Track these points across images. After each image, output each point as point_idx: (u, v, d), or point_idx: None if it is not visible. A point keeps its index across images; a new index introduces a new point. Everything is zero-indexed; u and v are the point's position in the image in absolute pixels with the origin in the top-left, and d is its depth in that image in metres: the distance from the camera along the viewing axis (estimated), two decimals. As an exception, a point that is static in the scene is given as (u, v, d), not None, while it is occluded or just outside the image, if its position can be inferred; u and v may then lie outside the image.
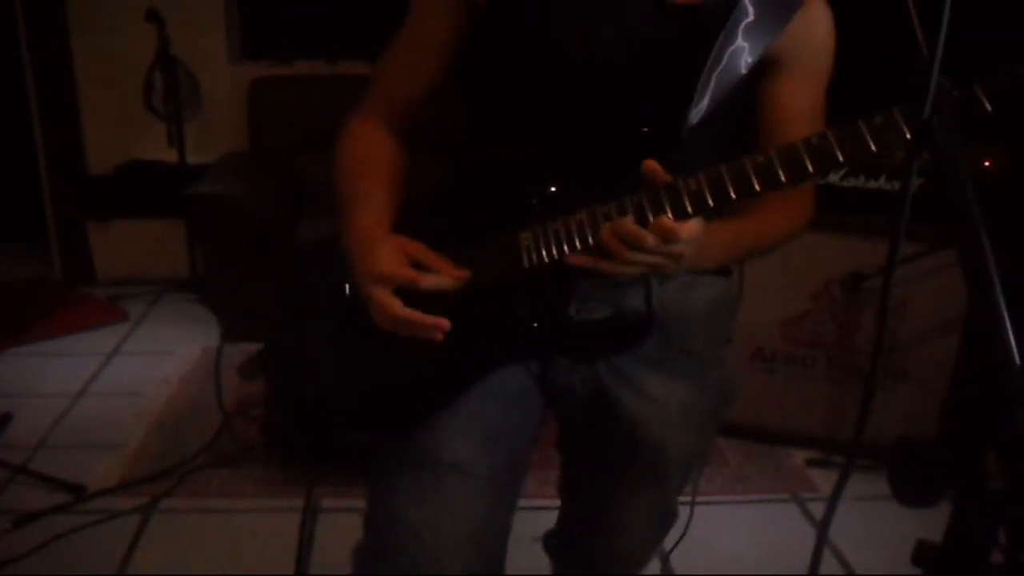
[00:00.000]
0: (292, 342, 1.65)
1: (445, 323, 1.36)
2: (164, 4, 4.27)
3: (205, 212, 3.98)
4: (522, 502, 1.59)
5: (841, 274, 3.06)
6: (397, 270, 1.35)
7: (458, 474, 1.44)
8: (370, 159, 1.51)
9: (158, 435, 3.33)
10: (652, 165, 1.24)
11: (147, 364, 3.94)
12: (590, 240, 1.31)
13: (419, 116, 1.54)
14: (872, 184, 2.92)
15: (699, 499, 1.80)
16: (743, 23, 1.35)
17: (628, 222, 1.25)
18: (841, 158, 1.19)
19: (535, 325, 1.43)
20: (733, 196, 1.24)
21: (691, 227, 1.25)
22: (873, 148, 1.17)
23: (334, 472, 2.95)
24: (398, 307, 1.35)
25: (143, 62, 4.39)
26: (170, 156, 4.49)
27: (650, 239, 1.23)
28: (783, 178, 1.22)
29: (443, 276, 1.37)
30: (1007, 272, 0.91)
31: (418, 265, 1.37)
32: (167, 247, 4.71)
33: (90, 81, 4.61)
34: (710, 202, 1.25)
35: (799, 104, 1.45)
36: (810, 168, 1.20)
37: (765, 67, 1.40)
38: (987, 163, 2.66)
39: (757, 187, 1.23)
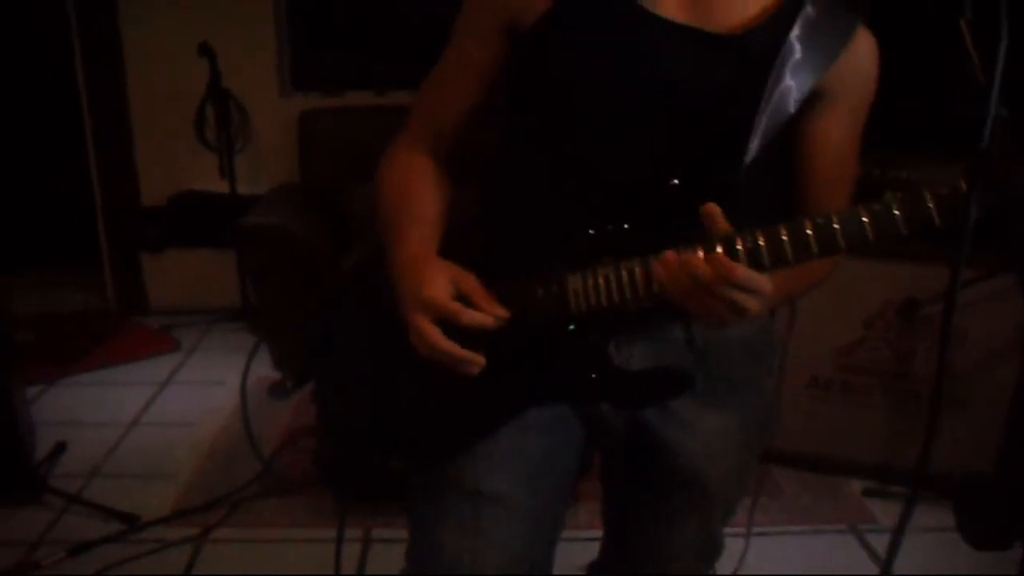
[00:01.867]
0: (332, 367, 1.64)
1: (480, 360, 1.35)
2: (216, 38, 4.35)
3: (255, 243, 3.99)
4: (572, 533, 1.57)
5: (895, 301, 3.01)
6: (441, 299, 1.34)
7: (498, 506, 1.43)
8: (414, 183, 1.50)
9: (210, 465, 3.34)
10: (713, 209, 1.22)
11: (199, 394, 3.97)
12: (640, 290, 1.30)
13: (461, 140, 1.53)
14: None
15: (754, 530, 1.78)
16: (790, 62, 1.32)
17: (703, 264, 1.20)
18: (904, 230, 1.16)
19: (579, 373, 1.42)
20: (791, 259, 1.22)
21: (762, 280, 1.21)
22: (937, 223, 1.13)
23: (386, 503, 2.94)
24: (436, 336, 1.34)
25: (195, 95, 4.47)
26: (221, 187, 4.56)
27: (724, 287, 1.19)
28: (842, 244, 1.19)
29: (485, 315, 1.36)
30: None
31: (464, 298, 1.36)
32: (218, 277, 4.75)
33: (143, 113, 4.68)
34: (767, 262, 1.22)
35: (842, 137, 1.43)
36: (871, 236, 1.18)
37: (810, 101, 1.37)
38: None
39: (816, 251, 1.20)
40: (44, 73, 4.95)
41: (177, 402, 3.92)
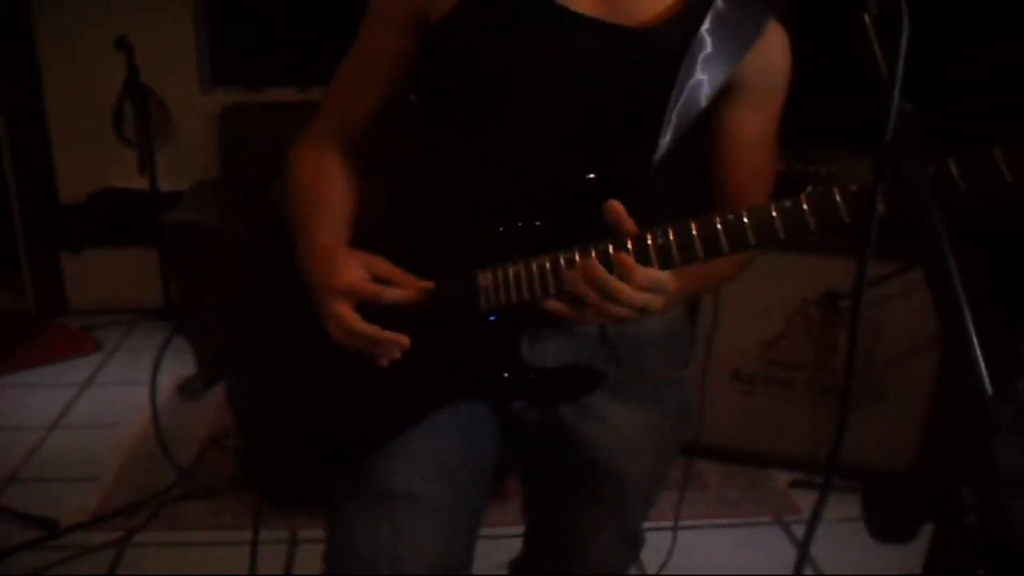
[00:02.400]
0: (245, 365, 1.61)
1: (404, 340, 1.34)
2: (133, 32, 4.28)
3: (178, 240, 3.94)
4: (498, 530, 1.56)
5: (817, 294, 3.06)
6: (359, 283, 1.33)
7: (414, 505, 1.42)
8: (323, 177, 1.49)
9: (132, 467, 3.30)
10: (616, 207, 1.22)
11: (121, 395, 3.91)
12: (551, 287, 1.29)
13: (369, 133, 1.52)
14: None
15: (681, 523, 1.79)
16: (701, 55, 1.33)
17: (603, 272, 1.21)
18: (813, 227, 1.17)
19: (491, 370, 1.42)
20: (700, 255, 1.22)
21: (665, 278, 1.23)
22: (847, 220, 1.13)
23: (312, 502, 2.92)
24: (357, 321, 1.33)
25: (113, 90, 4.39)
26: (142, 184, 4.48)
27: (627, 292, 1.21)
28: (752, 240, 1.20)
29: (406, 290, 1.35)
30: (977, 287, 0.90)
31: (378, 280, 1.35)
32: (140, 276, 4.67)
33: (60, 110, 4.59)
34: (677, 259, 1.23)
35: (756, 130, 1.44)
36: (780, 233, 1.18)
37: (722, 94, 1.38)
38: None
39: (726, 248, 1.21)
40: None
41: (99, 404, 3.86)
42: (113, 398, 3.89)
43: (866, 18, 0.98)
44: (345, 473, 1.47)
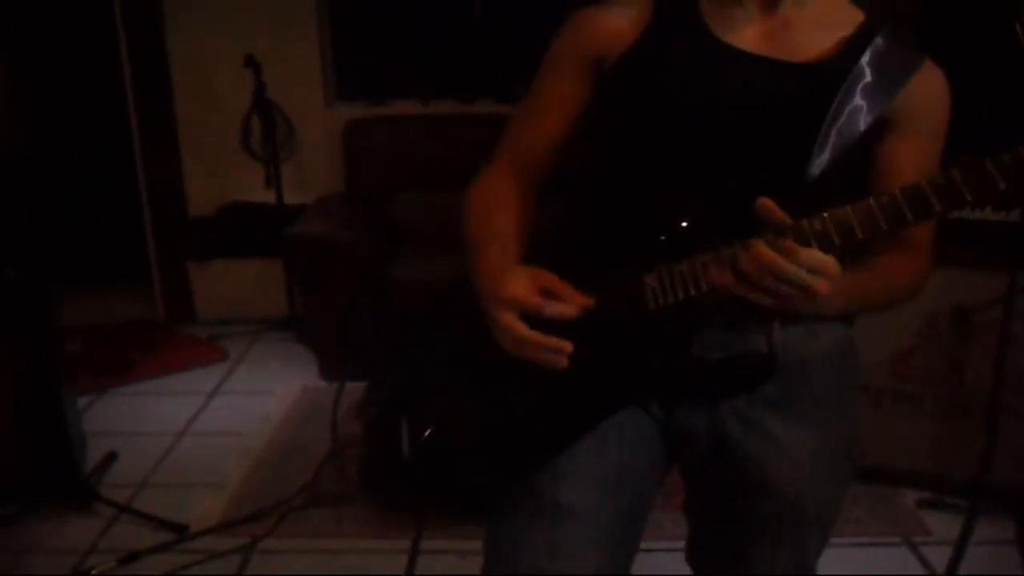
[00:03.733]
0: (402, 380, 1.68)
1: (568, 346, 1.36)
2: (261, 49, 4.40)
3: (302, 252, 4.04)
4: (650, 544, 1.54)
5: (947, 308, 2.97)
6: (523, 295, 1.38)
7: (574, 518, 1.43)
8: (499, 206, 1.56)
9: (258, 475, 3.36)
10: (766, 202, 1.25)
11: (247, 403, 3.99)
12: (716, 279, 1.32)
13: (546, 169, 1.60)
14: (977, 215, 2.82)
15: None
16: (861, 83, 1.38)
17: (771, 252, 1.23)
18: (969, 197, 1.18)
19: (656, 363, 1.43)
20: (859, 236, 1.25)
21: (828, 260, 1.24)
22: (1002, 186, 1.16)
23: (434, 513, 2.94)
24: (522, 328, 1.37)
25: (241, 106, 4.52)
26: (268, 197, 4.60)
27: (791, 270, 1.22)
28: (909, 217, 1.22)
29: (569, 305, 1.39)
30: None
31: (546, 294, 1.39)
32: (266, 287, 4.77)
33: (190, 125, 4.72)
34: (836, 240, 1.25)
35: (916, 164, 1.43)
36: (936, 207, 1.20)
37: (883, 128, 1.41)
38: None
39: (884, 225, 1.24)
40: (92, 85, 5.00)
41: (225, 412, 3.94)
42: (239, 406, 3.97)
43: (1018, 26, 0.97)
44: (509, 488, 1.49)
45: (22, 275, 2.95)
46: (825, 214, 1.26)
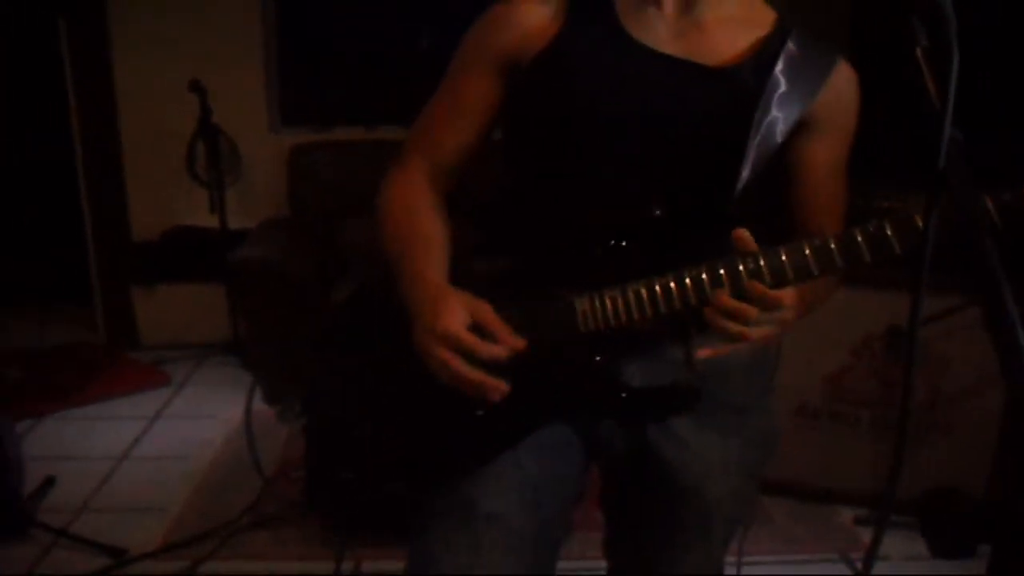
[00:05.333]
0: (333, 391, 1.65)
1: (505, 387, 1.36)
2: (206, 74, 4.38)
3: (246, 276, 4.02)
4: (570, 564, 1.56)
5: (881, 329, 3.03)
6: (460, 333, 1.35)
7: (496, 525, 1.44)
8: (419, 214, 1.52)
9: (201, 498, 3.33)
10: (743, 234, 1.29)
11: (190, 428, 3.96)
12: (647, 309, 1.36)
13: (457, 173, 1.57)
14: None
15: (746, 559, 1.77)
16: (776, 94, 1.40)
17: (727, 297, 1.29)
18: (897, 250, 1.24)
19: (585, 389, 1.45)
20: (791, 277, 1.29)
21: (792, 294, 1.29)
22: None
23: (375, 535, 2.93)
24: (461, 367, 1.35)
25: (186, 131, 4.49)
26: (212, 222, 4.57)
27: (752, 313, 1.27)
28: (867, 257, 1.26)
29: (501, 348, 1.37)
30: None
31: (478, 327, 1.38)
32: (210, 311, 4.74)
33: (135, 150, 4.70)
34: (791, 276, 1.29)
35: (828, 163, 1.50)
36: (897, 250, 1.24)
37: (797, 130, 1.44)
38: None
39: (840, 263, 1.28)
40: (37, 109, 4.97)
41: (167, 436, 3.90)
42: (181, 431, 3.94)
43: (918, 51, 1.01)
44: (431, 496, 1.50)
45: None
46: (782, 249, 1.30)
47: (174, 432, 3.94)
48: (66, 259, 5.03)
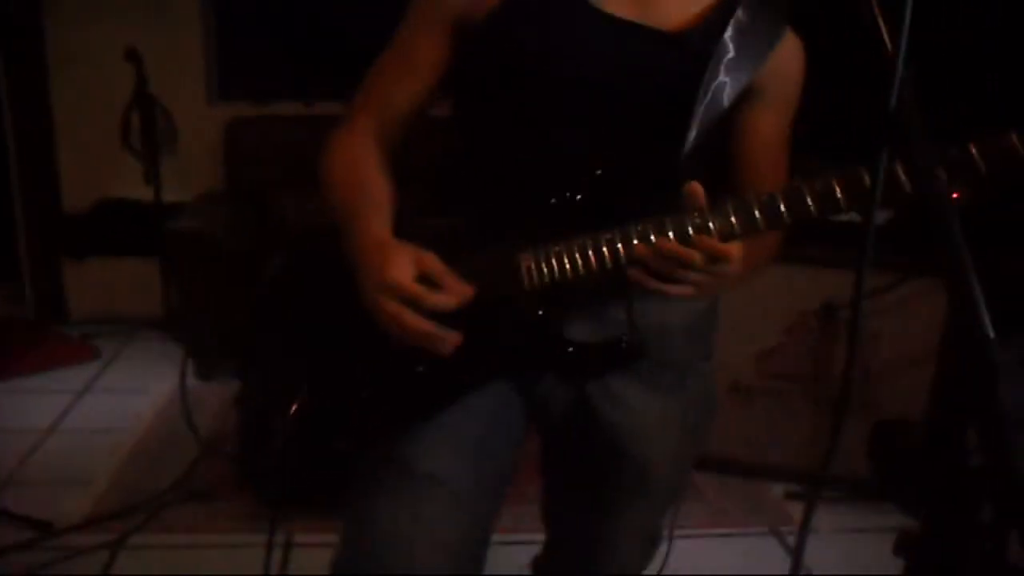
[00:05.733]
0: (272, 355, 1.64)
1: (457, 337, 1.36)
2: (143, 43, 4.30)
3: (180, 248, 3.99)
4: (512, 536, 1.56)
5: (815, 306, 3.07)
6: (406, 283, 1.34)
7: (435, 485, 1.44)
8: (366, 169, 1.51)
9: (129, 472, 3.29)
10: (696, 188, 1.30)
11: (119, 402, 3.90)
12: (592, 263, 1.37)
13: (404, 130, 1.56)
14: (843, 216, 2.94)
15: (677, 533, 1.78)
16: (725, 59, 1.43)
17: (672, 242, 1.30)
18: (842, 204, 1.28)
19: (528, 343, 1.46)
20: (737, 232, 1.31)
21: (739, 247, 1.30)
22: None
23: (307, 507, 2.91)
24: (410, 317, 1.34)
25: (121, 100, 4.40)
26: (146, 194, 4.48)
27: (697, 257, 1.28)
28: (813, 210, 1.29)
29: (449, 296, 1.36)
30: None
31: (426, 279, 1.37)
32: (141, 286, 4.67)
33: (67, 118, 4.63)
34: (738, 231, 1.31)
35: (773, 131, 1.53)
36: (842, 204, 1.28)
37: (743, 97, 1.47)
38: (955, 196, 2.69)
39: (786, 218, 1.30)
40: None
41: (96, 410, 3.85)
42: (110, 405, 3.89)
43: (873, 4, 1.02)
44: (370, 455, 1.49)
45: None
46: (728, 203, 1.31)
47: (103, 406, 3.89)
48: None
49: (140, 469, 3.30)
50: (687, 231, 1.31)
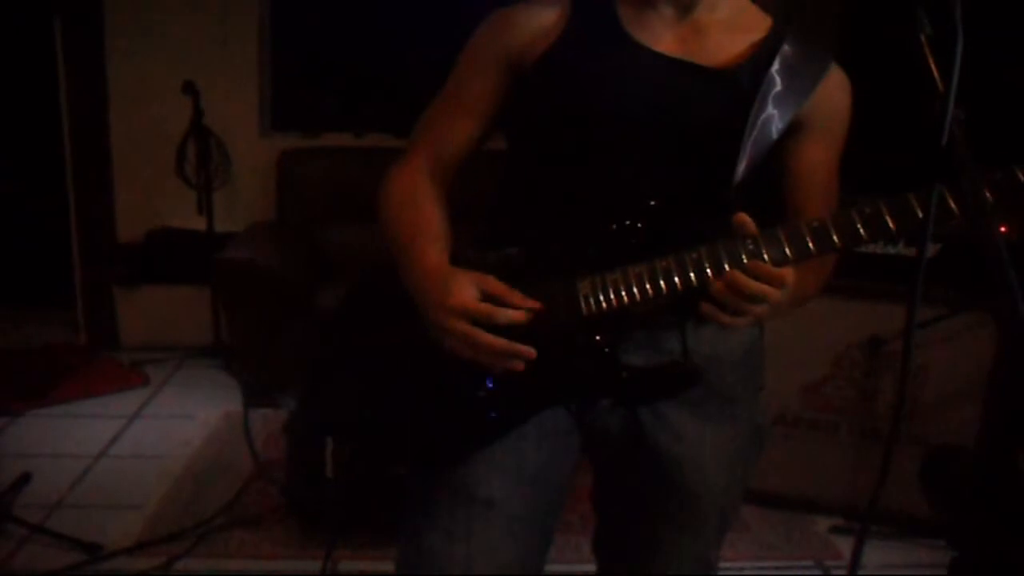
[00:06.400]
0: (335, 383, 1.68)
1: (531, 351, 1.40)
2: (200, 76, 4.41)
3: (230, 277, 4.03)
4: (554, 568, 1.58)
5: (861, 339, 3.05)
6: (472, 304, 1.39)
7: (491, 511, 1.47)
8: (422, 203, 1.56)
9: (178, 496, 3.32)
10: (743, 218, 1.33)
11: (168, 428, 3.94)
12: (648, 290, 1.39)
13: (460, 167, 1.61)
14: (891, 250, 2.93)
15: (722, 566, 1.78)
16: (772, 93, 1.45)
17: (739, 274, 1.32)
18: (892, 227, 1.30)
19: (586, 369, 1.48)
20: (791, 258, 1.33)
21: (792, 272, 1.33)
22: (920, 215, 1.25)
23: (353, 535, 2.93)
24: (483, 335, 1.38)
25: (176, 132, 4.50)
26: (199, 224, 4.58)
27: (759, 287, 1.31)
28: (864, 236, 1.31)
29: (516, 311, 1.40)
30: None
31: (490, 298, 1.41)
32: (192, 314, 4.74)
33: (124, 150, 4.70)
34: (789, 256, 1.33)
35: (821, 162, 1.55)
36: (893, 226, 1.29)
37: (791, 129, 1.49)
38: (1003, 229, 2.68)
39: (838, 243, 1.32)
40: (27, 104, 4.96)
41: (145, 435, 3.89)
42: (159, 430, 3.92)
43: (923, 38, 1.04)
44: (427, 479, 1.53)
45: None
46: (779, 230, 1.33)
47: (152, 431, 3.92)
48: (51, 259, 4.99)
49: (188, 494, 3.33)
50: (741, 258, 1.33)
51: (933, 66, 1.04)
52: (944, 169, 1.05)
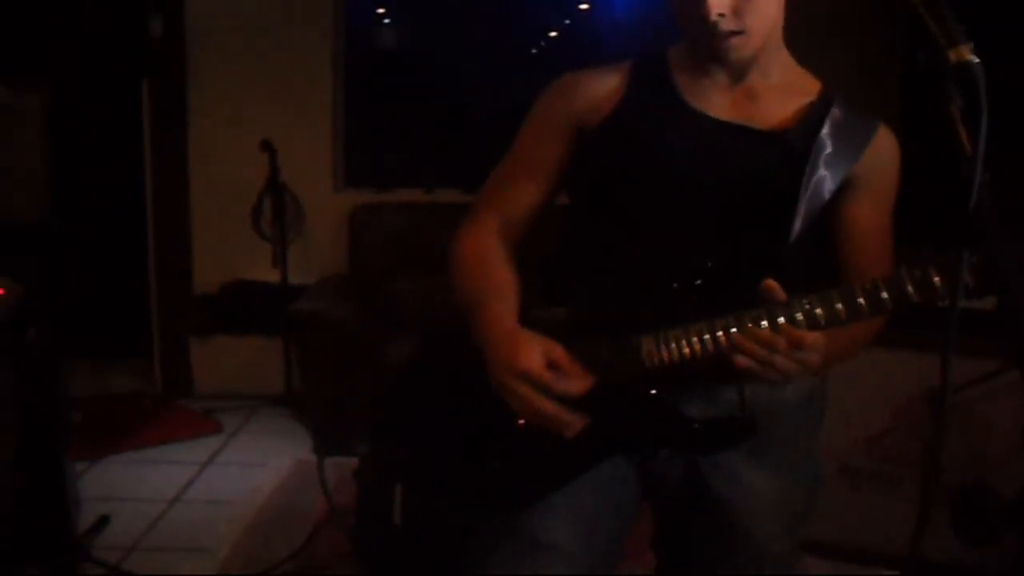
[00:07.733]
0: (401, 423, 1.75)
1: (581, 422, 1.46)
2: (276, 134, 4.54)
3: (303, 328, 4.12)
4: None
5: (922, 391, 3.04)
6: (537, 371, 1.44)
7: (555, 556, 1.53)
8: (492, 263, 1.63)
9: (248, 542, 3.38)
10: (772, 284, 1.37)
11: (240, 475, 4.03)
12: (708, 346, 1.43)
13: (524, 228, 1.68)
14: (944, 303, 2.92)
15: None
16: (823, 155, 1.51)
17: (769, 334, 1.37)
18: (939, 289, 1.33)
19: (646, 422, 1.53)
20: (843, 318, 1.38)
21: (817, 336, 1.37)
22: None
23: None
24: (543, 402, 1.45)
25: (253, 188, 4.62)
26: (272, 276, 4.67)
27: (782, 343, 1.35)
28: (888, 304, 1.35)
29: (574, 383, 1.46)
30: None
31: (553, 366, 1.46)
32: (264, 363, 4.82)
33: (203, 204, 4.85)
34: (822, 322, 1.37)
35: (872, 221, 1.59)
36: (914, 296, 1.34)
37: (842, 190, 1.54)
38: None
39: (867, 310, 1.37)
40: (114, 160, 5.11)
41: (218, 482, 3.97)
42: (231, 477, 4.01)
43: (953, 109, 1.10)
44: (494, 525, 1.58)
45: (42, 337, 3.00)
46: (813, 295, 1.38)
47: (224, 478, 4.01)
48: (129, 311, 5.14)
49: (258, 539, 3.40)
50: (795, 318, 1.38)
51: (963, 133, 1.09)
52: (972, 232, 1.10)
